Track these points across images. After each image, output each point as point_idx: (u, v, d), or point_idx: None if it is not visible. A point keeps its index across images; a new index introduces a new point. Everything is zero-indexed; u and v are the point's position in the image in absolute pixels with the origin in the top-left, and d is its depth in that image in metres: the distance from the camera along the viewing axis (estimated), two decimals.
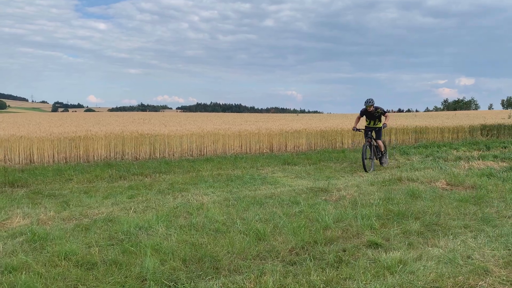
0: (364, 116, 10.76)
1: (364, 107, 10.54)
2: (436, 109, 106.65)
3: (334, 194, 7.05)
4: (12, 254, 4.21)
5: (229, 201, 6.63)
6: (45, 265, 3.92)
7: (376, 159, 10.70)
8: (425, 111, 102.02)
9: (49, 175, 8.75)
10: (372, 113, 10.53)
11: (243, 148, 13.46)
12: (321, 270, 3.84)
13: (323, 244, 4.52)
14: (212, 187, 7.91)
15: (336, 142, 15.21)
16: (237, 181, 8.56)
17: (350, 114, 54.70)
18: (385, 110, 10.63)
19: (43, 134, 10.83)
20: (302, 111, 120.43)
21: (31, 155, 10.37)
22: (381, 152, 10.69)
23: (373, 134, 10.58)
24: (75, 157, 10.73)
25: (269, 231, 4.89)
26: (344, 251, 4.33)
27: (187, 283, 3.56)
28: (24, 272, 3.73)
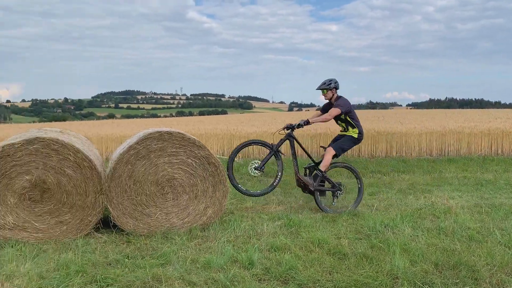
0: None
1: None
2: None
3: None
4: (274, 235, 4.82)
5: (481, 207, 5.97)
6: (301, 249, 4.36)
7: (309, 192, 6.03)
8: None
9: None
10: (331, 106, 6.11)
11: (492, 148, 11.89)
12: None
13: None
14: (458, 190, 7.29)
15: None
16: (488, 186, 7.63)
17: None
18: (346, 102, 6.00)
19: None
20: None
21: None
22: (321, 173, 5.91)
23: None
24: (319, 152, 11.56)
25: None
26: None
27: None
28: (286, 252, 4.24)
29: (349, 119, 6.03)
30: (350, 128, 6.10)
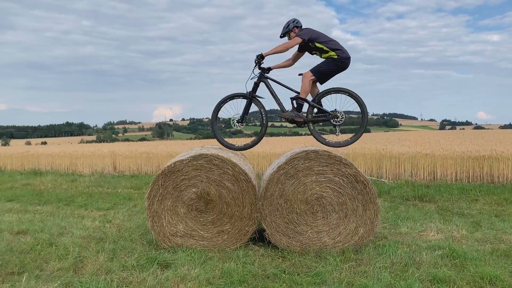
0: None
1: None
2: None
3: None
4: (435, 266, 4.45)
5: None
6: (469, 284, 3.94)
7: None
8: None
9: (454, 193, 8.85)
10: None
11: None
12: None
13: None
14: None
15: None
16: None
17: None
18: (307, 30, 5.56)
19: (445, 152, 11.12)
20: None
21: (434, 172, 10.85)
22: (302, 101, 5.56)
23: None
24: (478, 176, 10.40)
25: None
26: None
27: None
28: (450, 286, 3.88)
29: (319, 45, 5.50)
30: (324, 54, 5.55)
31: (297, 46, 5.62)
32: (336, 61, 5.49)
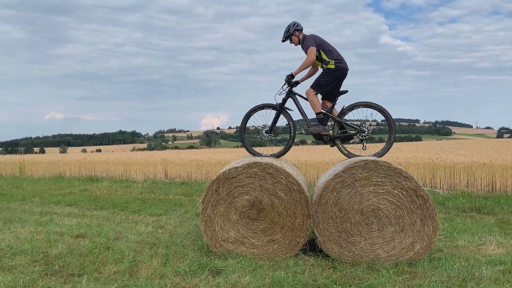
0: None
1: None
2: None
3: None
4: (496, 282, 4.22)
5: None
6: None
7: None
8: None
9: None
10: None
11: None
12: None
13: None
14: None
15: None
16: None
17: None
18: (311, 38, 5.70)
19: (505, 162, 10.53)
20: None
21: (493, 183, 10.29)
22: (320, 115, 5.76)
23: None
24: None
25: None
26: None
27: None
28: None
29: (322, 52, 5.67)
30: (324, 66, 5.71)
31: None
32: (332, 71, 5.66)
